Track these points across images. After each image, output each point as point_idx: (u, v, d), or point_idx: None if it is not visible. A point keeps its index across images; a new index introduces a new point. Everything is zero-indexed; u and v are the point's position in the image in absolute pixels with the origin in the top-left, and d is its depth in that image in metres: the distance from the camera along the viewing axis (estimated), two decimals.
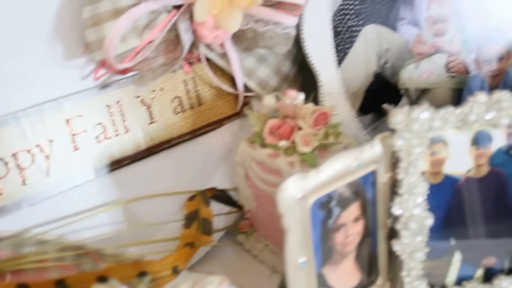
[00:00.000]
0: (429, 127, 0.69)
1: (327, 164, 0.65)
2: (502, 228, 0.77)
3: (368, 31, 0.87)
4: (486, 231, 0.77)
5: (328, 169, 0.65)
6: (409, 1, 0.88)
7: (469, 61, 0.92)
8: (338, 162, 0.66)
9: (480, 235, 0.77)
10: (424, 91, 0.92)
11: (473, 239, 0.77)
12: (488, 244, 0.77)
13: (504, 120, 0.71)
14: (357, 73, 0.88)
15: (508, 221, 0.77)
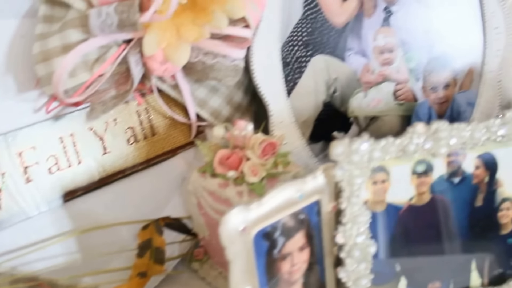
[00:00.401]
0: (370, 157, 0.71)
1: (270, 196, 0.67)
2: (445, 253, 0.79)
3: (316, 61, 0.90)
4: (430, 256, 0.79)
5: (270, 201, 0.67)
6: (356, 32, 0.91)
7: (417, 88, 0.96)
8: (281, 194, 0.68)
9: (424, 260, 0.79)
10: (373, 119, 0.95)
11: (417, 264, 0.79)
12: (433, 269, 0.80)
13: (443, 150, 0.74)
14: (307, 102, 0.90)
15: (450, 246, 0.80)
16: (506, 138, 0.78)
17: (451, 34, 0.96)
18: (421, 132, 0.73)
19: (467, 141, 0.77)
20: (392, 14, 0.92)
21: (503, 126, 0.78)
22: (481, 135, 0.77)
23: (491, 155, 0.80)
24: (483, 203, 0.81)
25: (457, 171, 0.78)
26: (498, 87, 1.01)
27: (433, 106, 0.97)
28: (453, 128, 0.75)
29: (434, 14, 0.95)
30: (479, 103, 1.00)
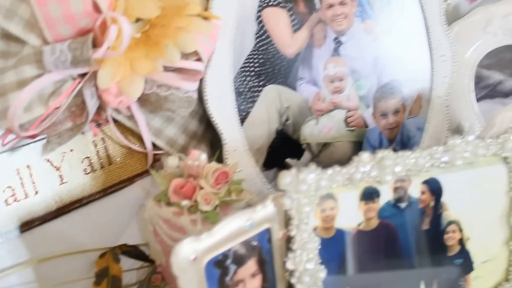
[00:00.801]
0: (317, 186, 0.74)
1: (220, 226, 0.70)
2: (394, 275, 0.83)
3: (268, 91, 0.93)
4: (380, 279, 0.83)
5: (221, 230, 0.70)
6: (307, 62, 0.94)
7: (367, 115, 0.99)
8: (231, 223, 0.71)
9: (374, 283, 0.82)
10: (325, 145, 0.98)
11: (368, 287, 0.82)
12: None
13: (388, 177, 0.77)
14: (260, 130, 0.93)
15: (400, 268, 0.83)
16: (449, 164, 0.82)
17: (399, 62, 1.00)
18: (367, 161, 0.77)
19: (412, 168, 0.80)
20: (342, 44, 0.96)
21: (445, 153, 0.81)
22: (425, 162, 0.81)
23: (436, 180, 0.83)
24: (430, 227, 0.85)
25: (404, 196, 0.82)
26: (446, 112, 1.05)
27: (384, 132, 1.01)
28: (398, 156, 0.78)
29: (383, 43, 0.98)
30: (428, 128, 1.04)
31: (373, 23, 0.97)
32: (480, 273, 0.89)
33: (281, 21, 0.92)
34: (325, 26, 0.94)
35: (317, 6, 0.93)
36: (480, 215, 0.88)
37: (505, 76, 1.11)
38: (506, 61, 1.10)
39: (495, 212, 0.89)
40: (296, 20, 0.93)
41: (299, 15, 0.93)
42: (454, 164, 0.82)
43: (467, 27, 1.07)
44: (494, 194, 0.88)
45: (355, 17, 0.96)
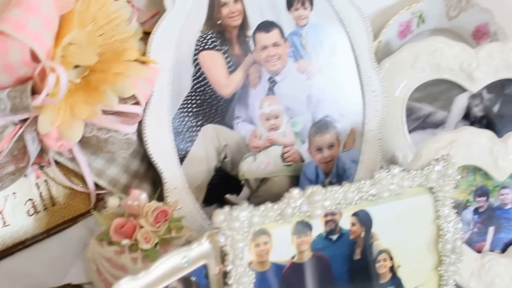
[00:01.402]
0: (250, 223, 0.79)
1: (157, 265, 0.73)
2: None
3: (206, 130, 0.97)
4: None
5: (157, 269, 0.73)
6: (243, 101, 0.99)
7: (303, 150, 1.04)
8: (167, 262, 0.74)
9: None
10: (263, 180, 1.02)
11: None
12: None
13: (318, 211, 0.82)
14: (199, 168, 0.97)
15: None
16: (377, 197, 0.87)
17: (332, 98, 1.06)
18: (297, 197, 0.81)
19: (341, 202, 0.85)
20: (276, 83, 1.01)
21: (373, 186, 0.87)
22: (354, 195, 0.86)
23: (365, 212, 0.89)
24: (362, 256, 0.90)
25: (335, 229, 0.87)
26: (379, 144, 1.10)
27: (320, 166, 1.06)
28: (327, 191, 0.83)
29: (316, 81, 1.04)
30: (363, 160, 1.10)
31: (306, 62, 1.03)
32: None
33: (217, 63, 0.96)
34: (259, 66, 0.99)
35: (251, 48, 0.98)
36: (410, 243, 0.93)
37: (435, 108, 1.17)
38: (435, 94, 1.16)
39: (424, 240, 0.94)
40: (232, 62, 0.97)
41: (234, 57, 0.97)
42: (381, 196, 0.87)
43: (397, 63, 1.13)
44: (422, 222, 0.93)
45: (289, 57, 1.01)
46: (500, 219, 1.03)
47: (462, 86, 1.16)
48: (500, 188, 1.01)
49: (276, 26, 0.99)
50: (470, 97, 1.17)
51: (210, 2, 0.95)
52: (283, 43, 1.00)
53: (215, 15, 0.95)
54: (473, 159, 1.00)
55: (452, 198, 0.94)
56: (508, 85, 1.17)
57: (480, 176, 1.01)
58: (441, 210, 0.93)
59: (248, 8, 0.97)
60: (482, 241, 1.03)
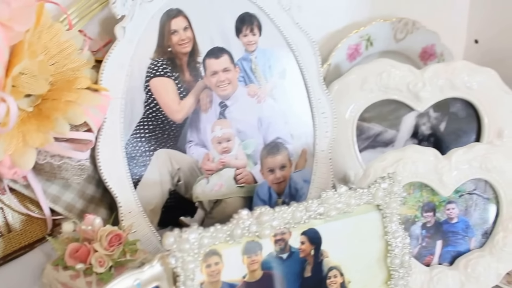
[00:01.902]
0: (200, 244, 0.81)
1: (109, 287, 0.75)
2: None
3: (159, 154, 0.99)
4: None
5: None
6: (195, 125, 1.01)
7: (255, 172, 1.07)
8: (119, 285, 0.76)
9: None
10: (217, 202, 1.05)
11: None
12: None
13: (267, 231, 0.85)
14: (153, 192, 0.99)
15: None
16: (325, 215, 0.90)
17: (283, 120, 1.09)
18: (246, 218, 0.84)
19: (290, 221, 0.88)
20: (227, 107, 1.03)
21: (320, 205, 0.90)
22: (302, 214, 0.88)
23: (314, 230, 0.91)
24: (312, 273, 0.92)
25: (285, 247, 0.89)
26: (330, 164, 1.14)
27: (272, 186, 1.09)
28: (275, 211, 0.86)
29: (266, 105, 1.07)
30: (314, 180, 1.13)
31: (255, 86, 1.06)
32: None
33: (168, 90, 0.99)
34: (210, 91, 1.02)
35: (202, 74, 1.01)
36: (359, 259, 0.96)
37: (384, 127, 1.20)
38: (384, 114, 1.20)
39: (373, 255, 0.97)
40: (183, 88, 1.00)
41: (185, 83, 1.00)
42: (329, 214, 0.90)
43: (346, 85, 1.16)
44: (371, 238, 0.96)
45: (239, 82, 1.04)
46: (447, 233, 1.06)
47: (409, 106, 1.19)
48: (446, 203, 1.05)
49: (225, 52, 1.02)
50: (417, 116, 1.21)
51: (160, 30, 0.97)
52: (233, 68, 1.03)
53: (166, 43, 0.98)
54: (419, 176, 1.03)
55: (399, 214, 0.97)
56: (453, 104, 1.22)
57: (426, 192, 1.04)
58: (389, 226, 0.96)
59: (197, 35, 1.00)
60: (430, 255, 1.07)
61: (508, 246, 1.05)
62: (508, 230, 1.05)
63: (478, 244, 1.07)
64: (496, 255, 1.06)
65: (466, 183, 1.05)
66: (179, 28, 0.98)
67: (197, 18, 0.99)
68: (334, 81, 1.17)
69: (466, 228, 1.07)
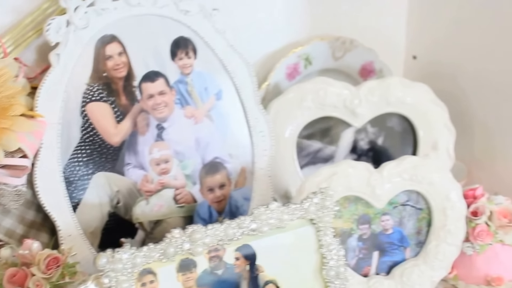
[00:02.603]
0: (133, 264, 0.83)
1: None
2: None
3: (98, 178, 1.02)
4: None
5: None
6: (132, 148, 1.04)
7: (195, 191, 1.10)
8: None
9: None
10: (157, 222, 1.07)
11: None
12: None
13: (200, 249, 0.87)
14: (93, 215, 1.01)
15: None
16: (257, 231, 0.93)
17: (221, 140, 1.12)
18: (178, 236, 0.86)
19: (223, 238, 0.91)
20: (165, 129, 1.06)
21: (252, 221, 0.92)
22: (235, 231, 0.91)
23: (248, 246, 0.94)
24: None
25: (219, 264, 0.92)
26: (269, 182, 1.17)
27: (213, 205, 1.11)
28: (207, 229, 0.89)
29: (203, 125, 1.10)
30: (254, 197, 1.16)
31: (192, 108, 1.09)
32: None
33: (105, 114, 1.01)
34: (147, 114, 1.04)
35: (138, 98, 1.03)
36: (295, 272, 0.99)
37: (323, 144, 1.24)
38: (323, 130, 1.23)
39: (309, 268, 1.00)
40: (119, 112, 1.02)
41: (121, 107, 1.03)
42: (261, 230, 0.93)
43: (284, 104, 1.20)
44: (306, 252, 0.99)
45: (175, 104, 1.07)
46: (383, 244, 1.10)
47: (347, 122, 1.23)
48: (380, 215, 1.08)
49: (161, 75, 1.05)
50: (355, 132, 1.25)
51: (95, 56, 1.00)
52: (169, 91, 1.06)
53: (101, 68, 1.01)
54: (353, 190, 1.06)
55: (334, 228, 1.00)
56: (389, 119, 1.26)
57: (361, 205, 1.07)
58: (323, 239, 0.99)
59: (132, 60, 1.03)
60: (368, 266, 1.10)
61: (440, 254, 1.09)
62: (440, 239, 1.08)
63: (413, 254, 1.11)
64: (429, 263, 1.09)
65: (399, 194, 1.08)
66: (114, 54, 1.01)
67: (131, 43, 1.02)
68: (272, 100, 1.20)
69: (401, 238, 1.10)
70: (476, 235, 1.14)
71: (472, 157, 1.36)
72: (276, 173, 1.19)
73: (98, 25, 1.00)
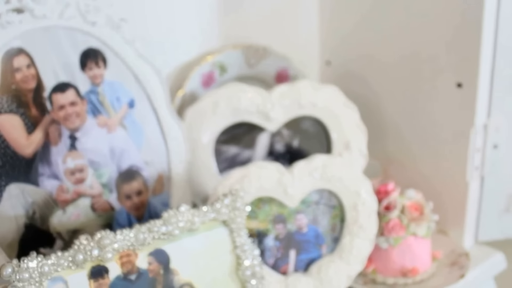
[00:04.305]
0: (41, 273, 0.81)
1: None
2: None
3: (11, 189, 0.99)
4: None
5: None
6: (45, 159, 1.01)
7: (112, 199, 1.08)
8: None
9: None
10: (76, 231, 1.05)
11: None
12: None
13: (109, 255, 0.86)
14: (8, 226, 0.98)
15: None
16: (168, 235, 0.92)
17: (136, 148, 1.11)
18: (86, 243, 0.84)
19: (134, 243, 0.89)
20: (77, 139, 1.04)
21: (162, 225, 0.91)
22: (145, 235, 0.90)
23: (161, 250, 0.93)
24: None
25: (132, 269, 0.90)
26: (187, 187, 1.16)
27: (131, 212, 1.10)
28: (117, 235, 0.87)
29: (117, 134, 1.08)
30: (173, 203, 1.15)
31: (104, 118, 1.07)
32: None
33: (15, 126, 0.98)
34: (59, 125, 1.02)
35: (49, 108, 1.01)
36: (211, 274, 0.98)
37: (240, 148, 1.24)
38: (239, 135, 1.23)
39: (225, 269, 0.99)
40: (30, 123, 1.00)
41: (32, 119, 1.00)
42: (172, 233, 0.92)
43: (199, 111, 1.19)
44: (221, 253, 0.99)
45: (87, 114, 1.05)
46: (299, 242, 1.10)
47: (262, 126, 1.23)
48: (295, 214, 1.08)
49: (71, 86, 1.03)
50: (271, 136, 1.24)
51: (3, 69, 0.97)
52: (80, 101, 1.04)
53: (9, 80, 0.98)
54: (266, 190, 1.06)
55: (247, 228, 1.00)
56: (303, 121, 1.26)
57: (275, 205, 1.07)
58: (237, 240, 0.99)
59: (41, 71, 1.00)
60: (285, 264, 1.10)
61: (355, 249, 1.09)
62: (354, 234, 1.09)
63: (329, 250, 1.11)
64: (345, 258, 1.10)
65: (311, 193, 1.09)
66: (22, 66, 0.99)
67: (39, 55, 1.00)
68: (187, 108, 1.19)
69: (316, 236, 1.10)
70: (389, 229, 1.15)
71: (386, 155, 1.37)
72: (196, 178, 1.18)
73: (4, 38, 0.97)
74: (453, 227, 1.29)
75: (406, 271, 1.18)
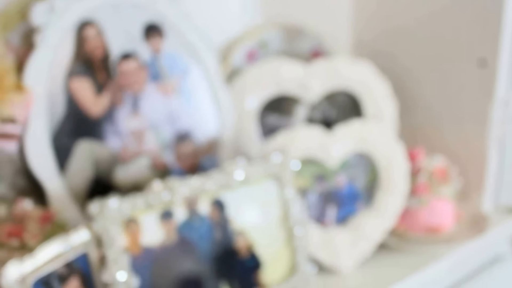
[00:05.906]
0: (120, 211, 0.89)
1: (41, 250, 0.82)
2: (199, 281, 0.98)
3: (82, 146, 1.07)
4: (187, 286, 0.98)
5: (41, 255, 0.82)
6: (111, 119, 1.09)
7: (168, 159, 1.16)
8: (50, 248, 0.83)
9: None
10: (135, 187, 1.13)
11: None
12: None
13: (178, 199, 0.93)
14: (79, 179, 1.06)
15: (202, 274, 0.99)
16: (227, 185, 1.00)
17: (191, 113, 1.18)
18: (159, 188, 0.92)
19: (198, 191, 0.97)
20: (139, 102, 1.12)
21: (224, 175, 0.99)
22: (208, 184, 0.98)
23: (220, 199, 1.01)
24: (222, 237, 1.01)
25: (195, 214, 0.98)
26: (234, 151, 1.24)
27: (185, 171, 1.17)
28: (185, 181, 0.95)
29: (175, 100, 1.16)
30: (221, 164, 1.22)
31: (164, 83, 1.15)
32: (270, 270, 1.06)
33: (85, 88, 1.07)
34: (123, 89, 1.10)
35: (114, 74, 1.09)
36: (262, 222, 1.06)
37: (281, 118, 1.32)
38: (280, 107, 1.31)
39: (274, 218, 1.07)
40: (98, 87, 1.08)
41: (100, 83, 1.08)
42: (231, 184, 0.99)
43: (245, 82, 1.27)
44: (271, 204, 1.06)
45: (148, 80, 1.13)
46: (338, 198, 1.17)
47: (301, 98, 1.30)
48: (335, 174, 1.16)
49: (134, 55, 1.11)
50: (309, 107, 1.32)
51: (75, 38, 1.05)
52: (141, 68, 1.12)
53: (81, 49, 1.06)
54: (309, 151, 1.14)
55: (293, 183, 1.08)
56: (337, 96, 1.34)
57: (317, 165, 1.15)
58: (285, 192, 1.06)
59: (109, 41, 1.08)
60: (325, 218, 1.17)
61: (389, 204, 1.17)
62: (387, 191, 1.17)
63: (366, 206, 1.18)
64: (379, 213, 1.17)
65: (350, 154, 1.16)
66: (92, 36, 1.07)
67: (107, 27, 1.08)
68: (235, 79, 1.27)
69: (354, 193, 1.18)
70: (418, 190, 1.22)
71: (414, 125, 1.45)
72: (241, 143, 1.26)
73: (77, 11, 1.05)
74: (475, 191, 1.36)
75: (432, 229, 1.25)
